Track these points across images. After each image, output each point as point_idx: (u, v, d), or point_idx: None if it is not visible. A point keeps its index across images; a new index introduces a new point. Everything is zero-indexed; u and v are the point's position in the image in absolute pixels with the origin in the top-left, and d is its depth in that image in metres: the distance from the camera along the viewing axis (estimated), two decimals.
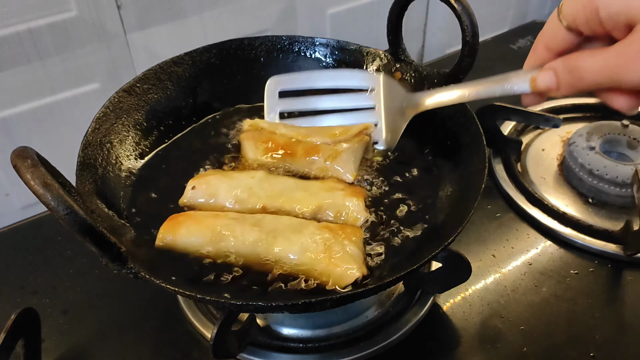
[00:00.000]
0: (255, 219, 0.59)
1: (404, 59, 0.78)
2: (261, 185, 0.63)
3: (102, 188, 0.62)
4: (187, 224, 0.58)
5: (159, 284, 0.50)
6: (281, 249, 0.56)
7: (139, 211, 0.64)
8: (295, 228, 0.58)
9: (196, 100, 0.79)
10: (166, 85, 0.76)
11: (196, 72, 0.79)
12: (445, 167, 0.69)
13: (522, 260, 0.76)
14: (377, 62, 0.80)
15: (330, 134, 0.70)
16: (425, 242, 0.60)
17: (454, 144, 0.69)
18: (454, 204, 0.62)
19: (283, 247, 0.56)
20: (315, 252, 0.55)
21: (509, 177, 0.88)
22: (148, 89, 0.74)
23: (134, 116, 0.72)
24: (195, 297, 0.50)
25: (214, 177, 0.65)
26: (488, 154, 0.64)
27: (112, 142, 0.68)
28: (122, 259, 0.49)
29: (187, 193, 0.64)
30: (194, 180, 0.65)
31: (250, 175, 0.65)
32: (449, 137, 0.70)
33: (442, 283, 0.64)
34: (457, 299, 0.71)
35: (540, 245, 0.78)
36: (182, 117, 0.78)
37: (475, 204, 0.56)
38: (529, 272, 0.74)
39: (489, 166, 0.63)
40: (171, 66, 0.77)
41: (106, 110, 0.68)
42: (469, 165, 0.64)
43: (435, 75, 0.74)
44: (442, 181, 0.68)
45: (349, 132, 0.70)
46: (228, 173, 0.67)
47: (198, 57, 0.79)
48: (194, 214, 0.61)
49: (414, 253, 0.59)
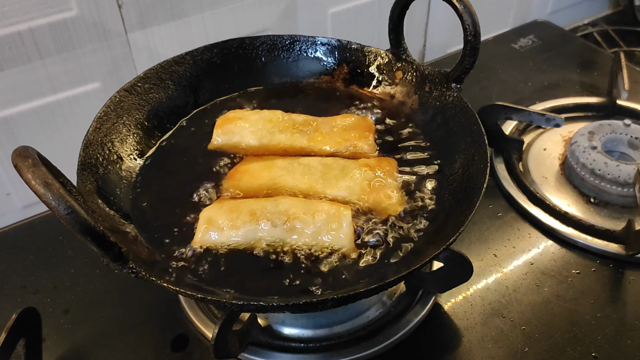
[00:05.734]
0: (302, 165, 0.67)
1: (406, 58, 0.78)
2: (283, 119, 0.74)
3: (103, 187, 0.62)
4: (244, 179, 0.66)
5: (160, 284, 0.50)
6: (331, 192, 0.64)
7: (140, 210, 0.64)
8: (341, 169, 0.66)
9: (198, 99, 0.79)
10: (167, 85, 0.76)
11: (197, 72, 0.79)
12: (446, 166, 0.69)
13: (523, 260, 0.76)
14: (378, 61, 0.80)
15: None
16: (426, 241, 0.60)
17: (455, 143, 0.69)
18: (456, 203, 0.62)
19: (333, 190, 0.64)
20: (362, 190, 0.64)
21: (510, 176, 0.87)
22: (149, 88, 0.74)
23: (135, 115, 0.72)
24: (197, 297, 0.50)
25: (237, 116, 0.74)
26: (490, 154, 0.64)
27: (113, 142, 0.68)
28: (123, 258, 0.49)
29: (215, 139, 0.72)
30: (221, 124, 0.73)
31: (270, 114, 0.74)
32: (450, 137, 0.70)
33: (444, 283, 0.64)
34: (459, 299, 0.71)
35: (542, 245, 0.78)
36: (183, 115, 0.78)
37: (477, 203, 0.56)
38: (530, 271, 0.74)
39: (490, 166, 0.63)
40: (172, 65, 0.77)
41: (107, 109, 0.68)
42: (470, 165, 0.64)
43: (436, 75, 0.74)
44: (443, 181, 0.68)
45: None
46: (250, 113, 0.75)
47: (199, 57, 0.79)
48: (249, 169, 0.68)
49: (415, 252, 0.59)
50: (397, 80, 0.80)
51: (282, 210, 0.60)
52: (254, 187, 0.66)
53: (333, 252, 0.59)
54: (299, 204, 0.61)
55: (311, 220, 0.59)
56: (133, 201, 0.65)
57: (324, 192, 0.65)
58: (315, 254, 0.59)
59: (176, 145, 0.75)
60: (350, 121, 0.74)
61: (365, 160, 0.69)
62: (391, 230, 0.61)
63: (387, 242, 0.60)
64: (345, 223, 0.59)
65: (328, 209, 0.60)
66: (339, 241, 0.59)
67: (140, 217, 0.63)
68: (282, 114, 0.75)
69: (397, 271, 0.53)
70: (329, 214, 0.60)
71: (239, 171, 0.68)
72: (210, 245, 0.60)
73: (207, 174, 0.69)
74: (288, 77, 0.84)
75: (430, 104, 0.75)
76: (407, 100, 0.78)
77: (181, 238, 0.61)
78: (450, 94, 0.72)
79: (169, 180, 0.69)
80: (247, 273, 0.58)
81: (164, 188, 0.68)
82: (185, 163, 0.71)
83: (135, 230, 0.61)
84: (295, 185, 0.65)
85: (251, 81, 0.83)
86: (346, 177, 0.65)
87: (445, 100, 0.72)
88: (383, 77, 0.81)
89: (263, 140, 0.73)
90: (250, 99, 0.81)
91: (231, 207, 0.61)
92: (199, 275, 0.57)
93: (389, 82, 0.81)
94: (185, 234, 0.61)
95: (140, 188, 0.67)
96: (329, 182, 0.65)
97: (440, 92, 0.73)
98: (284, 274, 0.57)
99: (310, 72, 0.84)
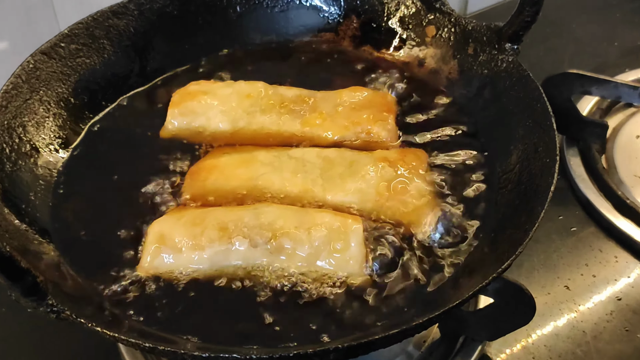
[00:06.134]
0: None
1: (441, 7, 0.78)
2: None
3: (10, 191, 0.62)
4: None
5: (92, 328, 0.50)
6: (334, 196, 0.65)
7: (63, 223, 0.64)
8: (349, 165, 0.66)
9: (145, 66, 0.79)
10: (102, 45, 0.76)
11: (145, 27, 0.79)
12: (498, 161, 0.69)
13: (607, 294, 0.76)
14: (402, 12, 0.80)
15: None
16: (468, 267, 0.60)
17: (510, 128, 0.69)
18: (512, 213, 0.62)
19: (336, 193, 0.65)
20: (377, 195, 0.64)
21: (589, 175, 0.87)
22: (77, 50, 0.74)
23: (56, 89, 0.72)
24: (143, 346, 0.50)
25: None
26: (559, 143, 0.64)
27: (25, 126, 0.68)
28: (39, 291, 0.49)
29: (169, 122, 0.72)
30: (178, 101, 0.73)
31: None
32: (503, 119, 0.70)
33: (494, 326, 0.64)
34: (516, 349, 0.71)
35: (634, 273, 0.78)
36: (124, 90, 0.77)
37: (541, 214, 0.56)
38: (617, 310, 0.74)
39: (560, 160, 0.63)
40: (110, 18, 0.77)
41: (17, 80, 0.68)
42: (532, 159, 0.64)
43: (484, 31, 0.74)
44: (494, 180, 0.68)
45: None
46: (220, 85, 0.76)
47: (147, 5, 0.79)
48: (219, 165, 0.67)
49: (453, 283, 0.59)
50: (428, 38, 0.80)
51: (264, 224, 0.60)
52: (225, 190, 0.66)
53: (337, 282, 0.59)
54: (289, 214, 0.61)
55: (306, 237, 0.59)
56: (53, 210, 0.65)
57: (324, 198, 0.65)
58: (310, 285, 0.59)
59: (114, 131, 0.74)
60: (362, 97, 0.74)
61: (383, 152, 0.69)
62: (418, 251, 0.61)
63: (412, 269, 0.60)
64: (355, 241, 0.59)
65: (330, 222, 0.60)
66: (346, 267, 0.59)
67: (64, 233, 0.63)
68: (264, 87, 0.75)
69: (426, 309, 0.53)
70: (332, 229, 0.60)
71: (205, 168, 0.68)
72: (164, 272, 0.60)
73: (158, 172, 0.69)
74: (273, 34, 0.84)
75: (475, 73, 0.75)
76: (442, 68, 0.78)
77: (122, 262, 0.61)
78: (503, 59, 0.72)
79: (104, 180, 0.69)
80: (215, 312, 0.57)
81: (97, 192, 0.67)
82: (127, 156, 0.71)
83: (56, 252, 0.61)
84: (283, 187, 0.65)
85: (221, 40, 0.83)
86: (356, 177, 0.65)
87: (497, 67, 0.72)
88: (408, 35, 0.81)
89: (238, 124, 0.72)
90: (220, 66, 0.81)
91: (193, 219, 0.61)
92: (147, 315, 0.57)
93: (416, 41, 0.81)
94: (128, 256, 0.61)
95: (63, 192, 0.67)
96: (331, 183, 0.65)
97: (490, 55, 0.73)
98: (267, 313, 0.57)
99: (304, 28, 0.84)
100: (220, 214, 0.62)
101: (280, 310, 0.57)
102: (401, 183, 0.65)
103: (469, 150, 0.71)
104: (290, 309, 0.57)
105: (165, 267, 0.60)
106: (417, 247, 0.62)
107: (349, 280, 0.59)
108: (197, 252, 0.59)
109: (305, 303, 0.57)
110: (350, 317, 0.57)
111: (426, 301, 0.58)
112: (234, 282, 0.59)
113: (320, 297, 0.58)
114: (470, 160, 0.70)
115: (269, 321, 0.56)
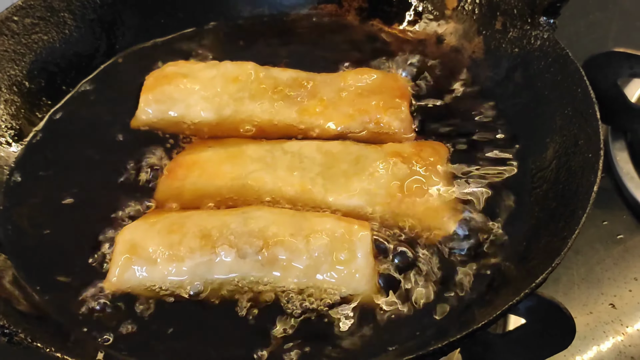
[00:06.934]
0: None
1: None
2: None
3: None
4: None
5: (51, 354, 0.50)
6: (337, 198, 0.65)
7: (16, 230, 0.64)
8: (355, 161, 0.66)
9: (114, 43, 0.80)
10: (63, 19, 0.76)
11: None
12: (531, 156, 0.69)
13: None
14: None
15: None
16: (497, 281, 0.60)
17: (545, 117, 0.69)
18: (547, 218, 0.62)
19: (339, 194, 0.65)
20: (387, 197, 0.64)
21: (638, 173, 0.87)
22: (33, 25, 0.74)
23: (8, 71, 0.72)
24: None
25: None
26: (604, 135, 0.64)
27: None
28: None
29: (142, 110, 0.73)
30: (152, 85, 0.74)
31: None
32: (537, 107, 0.70)
33: (526, 352, 0.64)
34: None
35: None
36: (88, 72, 0.78)
37: (582, 218, 0.56)
38: None
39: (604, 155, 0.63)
40: None
41: None
42: (571, 154, 0.64)
43: (514, 3, 0.74)
44: (526, 179, 0.68)
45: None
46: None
47: None
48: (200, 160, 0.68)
49: (478, 300, 0.59)
50: (448, 11, 0.80)
51: (254, 230, 0.60)
52: (208, 190, 0.66)
53: (341, 299, 0.59)
54: (284, 219, 0.61)
55: (304, 246, 0.59)
56: (4, 214, 0.65)
57: (325, 200, 0.65)
58: (310, 302, 0.59)
59: (77, 121, 0.75)
60: (370, 80, 0.74)
61: (394, 145, 0.69)
62: (435, 263, 0.62)
63: (430, 282, 0.60)
64: (362, 251, 0.59)
65: (333, 229, 0.60)
66: (351, 282, 0.59)
67: (17, 242, 0.63)
68: (255, 69, 0.75)
69: (447, 332, 0.53)
70: (334, 237, 0.60)
71: (184, 164, 0.68)
72: (135, 287, 0.59)
73: (128, 170, 0.69)
74: (265, 5, 0.85)
75: (504, 52, 0.75)
76: (465, 46, 0.78)
77: (86, 276, 0.61)
78: (537, 35, 0.72)
79: (64, 179, 0.69)
80: (196, 335, 0.57)
81: (56, 192, 0.68)
82: (91, 151, 0.71)
83: (7, 262, 0.61)
84: (277, 187, 0.65)
85: (204, 13, 0.83)
86: (363, 175, 0.65)
87: (530, 45, 0.73)
88: (425, 7, 0.81)
89: (224, 112, 0.73)
90: (201, 44, 0.81)
91: (170, 226, 0.61)
92: (116, 339, 0.57)
93: (434, 14, 0.81)
94: (93, 269, 0.61)
95: (15, 192, 0.67)
96: (334, 182, 0.65)
97: (521, 31, 0.73)
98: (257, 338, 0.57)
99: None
100: (202, 219, 0.62)
101: (272, 335, 0.57)
102: (417, 182, 0.65)
103: (496, 143, 0.71)
104: (285, 333, 0.57)
105: (137, 281, 0.60)
106: (434, 258, 0.62)
107: (355, 297, 0.59)
108: (175, 264, 0.59)
109: (302, 324, 0.57)
110: (357, 342, 0.57)
111: (445, 322, 0.58)
112: (218, 299, 0.59)
113: (319, 316, 0.58)
114: (498, 155, 0.70)
115: (259, 349, 0.56)
